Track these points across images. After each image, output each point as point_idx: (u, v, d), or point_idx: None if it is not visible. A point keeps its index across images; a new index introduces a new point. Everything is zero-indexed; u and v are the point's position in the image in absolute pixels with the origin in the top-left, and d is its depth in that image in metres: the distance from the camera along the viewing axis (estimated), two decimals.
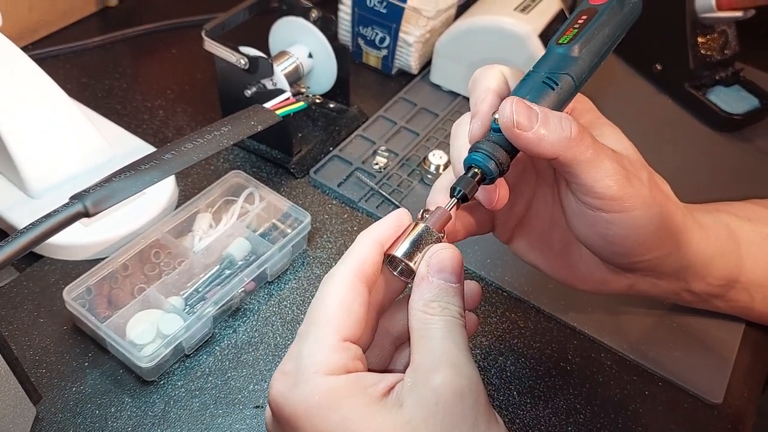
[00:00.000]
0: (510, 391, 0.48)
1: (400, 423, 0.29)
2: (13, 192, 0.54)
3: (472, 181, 0.35)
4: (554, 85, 0.36)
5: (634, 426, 0.47)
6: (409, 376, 0.30)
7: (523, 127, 0.34)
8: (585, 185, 0.36)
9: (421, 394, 0.29)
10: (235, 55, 0.57)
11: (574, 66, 0.36)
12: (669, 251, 0.41)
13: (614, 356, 0.51)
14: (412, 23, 0.70)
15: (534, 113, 0.34)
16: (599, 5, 0.38)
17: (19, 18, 0.70)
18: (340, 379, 0.30)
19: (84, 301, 0.47)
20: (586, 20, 0.38)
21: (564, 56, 0.36)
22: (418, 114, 0.69)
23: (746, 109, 0.71)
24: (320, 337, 0.31)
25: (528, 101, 0.35)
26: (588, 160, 0.35)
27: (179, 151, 0.45)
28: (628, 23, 0.39)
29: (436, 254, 0.33)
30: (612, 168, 0.36)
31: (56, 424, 0.43)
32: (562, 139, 0.35)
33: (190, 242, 0.52)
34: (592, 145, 0.36)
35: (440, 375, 0.29)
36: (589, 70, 0.37)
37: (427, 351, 0.31)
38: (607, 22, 0.38)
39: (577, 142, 0.35)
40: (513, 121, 0.34)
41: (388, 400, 0.30)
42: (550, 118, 0.35)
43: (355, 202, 0.59)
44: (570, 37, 0.37)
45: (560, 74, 0.36)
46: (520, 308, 0.53)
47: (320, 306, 0.32)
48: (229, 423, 0.45)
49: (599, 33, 0.37)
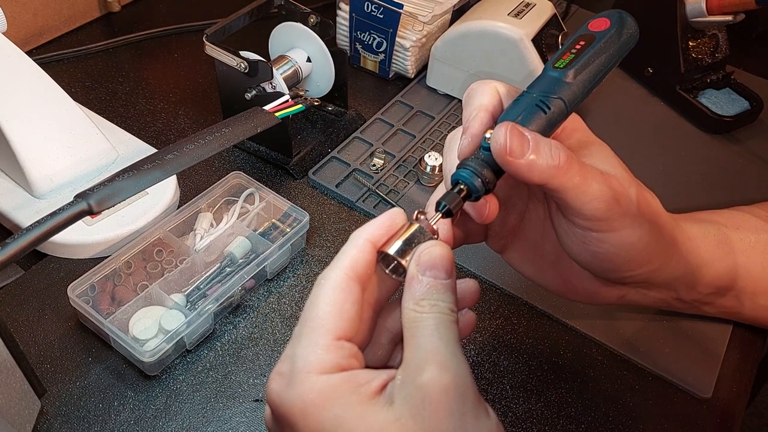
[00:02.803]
0: (503, 385, 0.49)
1: (390, 420, 0.29)
2: (19, 192, 0.55)
3: (457, 197, 0.35)
4: (546, 109, 0.36)
5: (625, 419, 0.48)
6: (399, 373, 0.31)
7: (515, 155, 0.35)
8: (574, 208, 0.37)
9: (408, 392, 0.30)
10: (236, 59, 0.58)
11: (567, 91, 0.37)
12: (659, 265, 0.42)
13: (605, 352, 0.52)
14: (408, 28, 0.71)
15: (526, 141, 0.35)
16: (598, 32, 0.38)
17: (24, 23, 0.72)
18: (333, 377, 0.30)
19: (88, 298, 0.49)
20: (584, 46, 0.38)
21: (558, 81, 0.37)
22: (415, 117, 0.71)
23: (736, 112, 0.73)
24: (313, 337, 0.31)
25: (521, 126, 0.35)
26: (575, 186, 0.36)
27: (181, 152, 0.46)
28: (624, 51, 0.39)
29: (425, 252, 0.33)
30: (600, 190, 0.37)
31: (60, 417, 0.45)
32: (550, 167, 0.35)
33: (192, 241, 0.54)
34: (580, 171, 0.36)
35: (427, 372, 0.30)
36: (581, 96, 0.37)
37: (415, 349, 0.31)
38: (604, 50, 0.38)
39: (564, 170, 0.36)
40: (506, 148, 0.34)
41: (380, 397, 0.30)
42: (540, 146, 0.35)
43: (353, 202, 0.61)
44: (566, 62, 0.37)
45: (553, 98, 0.36)
46: (513, 305, 0.54)
47: (313, 306, 0.32)
48: (229, 416, 0.46)
49: (595, 60, 0.37)
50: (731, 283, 0.48)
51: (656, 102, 0.77)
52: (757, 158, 0.71)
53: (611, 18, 0.39)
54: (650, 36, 0.75)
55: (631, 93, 0.78)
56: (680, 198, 0.65)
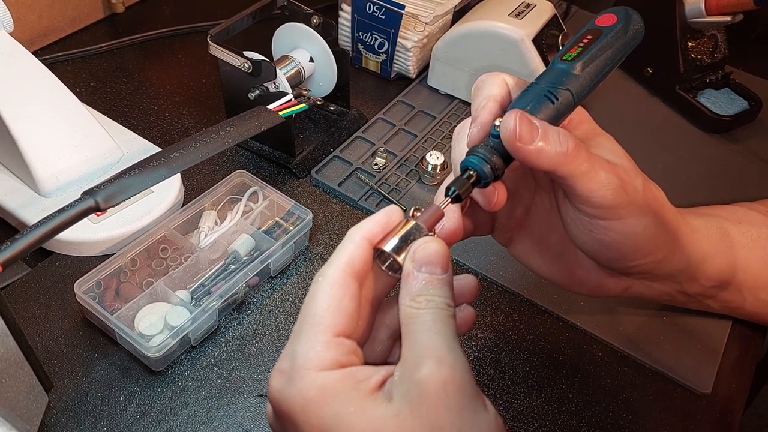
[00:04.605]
0: (504, 381, 0.50)
1: (389, 416, 0.29)
2: (26, 191, 0.56)
3: (466, 183, 0.36)
4: (554, 99, 0.37)
5: (625, 414, 0.49)
6: (397, 369, 0.31)
7: (524, 141, 0.35)
8: (582, 196, 0.38)
9: (406, 388, 0.30)
10: (240, 59, 0.59)
11: (575, 82, 0.38)
12: (664, 255, 0.43)
13: (606, 348, 0.53)
14: (410, 29, 0.72)
15: (535, 128, 0.36)
16: (605, 27, 0.39)
17: (29, 24, 0.72)
18: (332, 374, 0.31)
19: (94, 295, 0.49)
20: (591, 40, 0.39)
21: (566, 72, 0.38)
22: (416, 116, 0.71)
23: (735, 111, 0.73)
24: (312, 334, 0.31)
25: (529, 114, 0.36)
26: (584, 173, 0.37)
27: (186, 150, 0.47)
28: (630, 47, 0.40)
29: (420, 248, 0.33)
30: (607, 178, 0.38)
31: (67, 412, 0.45)
32: (559, 154, 0.36)
33: (197, 238, 0.54)
34: (588, 158, 0.37)
35: (424, 368, 0.30)
36: (588, 88, 0.38)
37: (412, 344, 0.31)
38: (611, 45, 0.39)
39: (573, 157, 0.36)
40: (516, 134, 0.35)
41: (380, 393, 0.30)
42: (549, 133, 0.36)
43: (355, 200, 0.61)
44: (574, 54, 0.38)
45: (561, 89, 0.37)
46: (514, 302, 0.55)
47: (311, 304, 0.32)
48: (234, 411, 0.46)
49: (602, 54, 0.38)
50: (733, 277, 0.48)
51: (656, 102, 0.77)
52: (756, 157, 0.71)
53: (618, 14, 0.40)
54: (650, 36, 0.74)
55: (631, 93, 0.78)
56: (680, 197, 0.64)
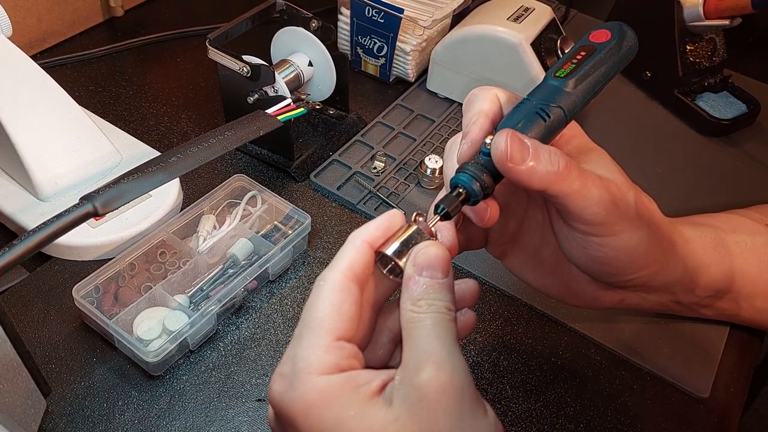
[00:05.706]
0: (503, 385, 0.50)
1: (389, 420, 0.30)
2: (24, 195, 0.56)
3: (456, 200, 0.36)
4: (546, 117, 0.37)
5: (623, 418, 0.49)
6: (398, 374, 0.31)
7: (515, 161, 0.35)
8: (574, 213, 0.38)
9: (406, 392, 0.30)
10: (238, 63, 0.59)
11: (567, 100, 0.37)
12: (658, 268, 0.43)
13: (604, 352, 0.53)
14: (408, 33, 0.72)
15: (526, 148, 0.35)
16: (598, 44, 0.39)
17: (28, 28, 0.72)
18: (333, 378, 0.31)
19: (92, 299, 0.49)
20: (584, 56, 0.39)
21: (559, 89, 0.37)
22: (415, 120, 0.71)
23: (734, 115, 0.73)
24: (313, 338, 0.31)
25: (520, 133, 0.36)
26: (575, 191, 0.37)
27: (185, 154, 0.47)
28: (623, 63, 0.40)
29: (421, 252, 0.33)
30: (599, 195, 0.37)
31: (66, 417, 0.45)
32: (550, 173, 0.36)
33: (195, 243, 0.54)
34: (579, 176, 0.37)
35: (424, 372, 0.30)
36: (581, 105, 0.38)
37: (413, 349, 0.31)
38: (604, 61, 0.38)
39: (564, 176, 0.36)
40: (507, 154, 0.35)
41: (380, 397, 0.30)
42: (540, 153, 0.36)
43: (354, 204, 0.61)
44: (567, 71, 0.38)
45: (553, 106, 0.37)
46: (513, 306, 0.55)
47: (312, 308, 0.32)
48: (232, 415, 0.46)
49: (595, 71, 0.38)
50: (728, 286, 0.49)
51: (654, 105, 0.77)
52: (754, 161, 0.71)
53: (612, 30, 0.39)
54: (648, 40, 0.75)
55: (630, 96, 0.79)
56: (678, 200, 0.65)
